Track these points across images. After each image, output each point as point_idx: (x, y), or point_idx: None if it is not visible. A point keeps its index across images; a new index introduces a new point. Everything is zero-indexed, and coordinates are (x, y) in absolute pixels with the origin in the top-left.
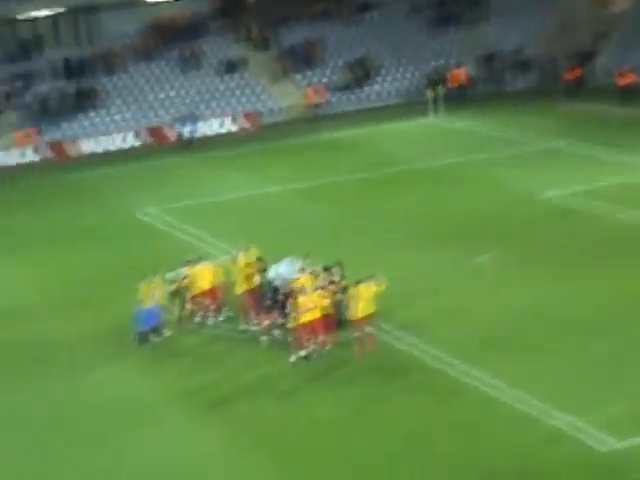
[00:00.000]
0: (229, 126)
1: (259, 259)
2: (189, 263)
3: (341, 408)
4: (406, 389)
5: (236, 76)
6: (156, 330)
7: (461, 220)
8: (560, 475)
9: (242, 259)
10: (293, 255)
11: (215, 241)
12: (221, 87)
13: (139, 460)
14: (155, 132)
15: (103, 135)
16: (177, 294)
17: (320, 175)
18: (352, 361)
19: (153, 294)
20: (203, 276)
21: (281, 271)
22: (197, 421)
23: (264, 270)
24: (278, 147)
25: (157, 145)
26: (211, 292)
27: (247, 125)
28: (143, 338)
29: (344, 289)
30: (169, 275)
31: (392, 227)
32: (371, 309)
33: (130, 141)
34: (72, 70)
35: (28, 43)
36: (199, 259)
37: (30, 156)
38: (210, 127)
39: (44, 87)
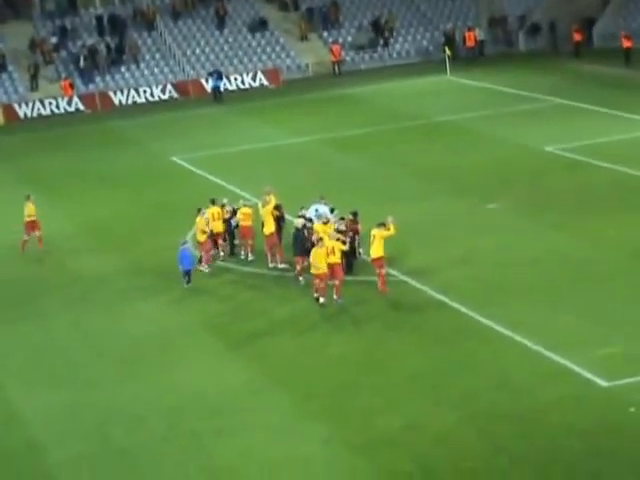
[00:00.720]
0: (257, 81)
1: (277, 207)
2: (225, 205)
3: (355, 345)
4: (415, 327)
5: (264, 34)
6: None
7: (474, 170)
8: (560, 407)
9: (273, 201)
10: (318, 199)
11: (244, 185)
12: (249, 44)
13: (168, 389)
14: (187, 86)
15: (142, 87)
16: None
17: (342, 127)
18: (370, 300)
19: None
20: (245, 217)
21: (321, 211)
22: (222, 356)
23: (282, 217)
24: (302, 101)
25: (190, 97)
26: (250, 231)
27: (273, 80)
28: (189, 277)
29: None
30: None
31: (409, 176)
32: (380, 252)
33: (166, 93)
34: (115, 26)
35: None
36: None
37: (74, 105)
38: (239, 82)
39: (88, 41)
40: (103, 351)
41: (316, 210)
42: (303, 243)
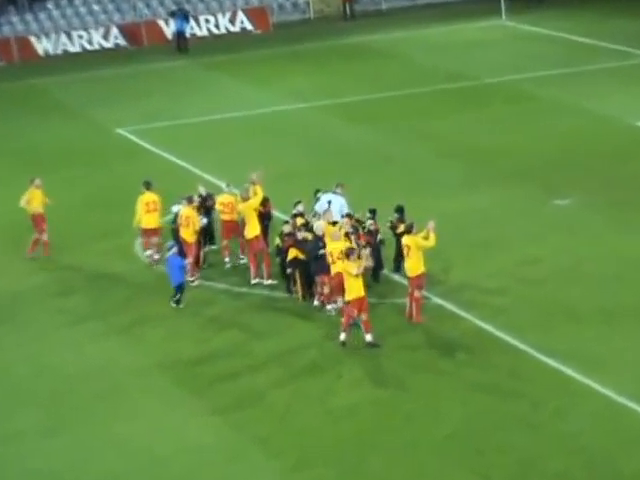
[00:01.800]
0: (236, 24)
1: (264, 201)
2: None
3: (371, 392)
4: (454, 369)
5: None
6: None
7: (535, 152)
8: None
9: (259, 194)
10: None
11: (216, 169)
12: None
13: (109, 447)
14: (140, 29)
15: (76, 30)
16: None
17: (353, 90)
18: (394, 330)
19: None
20: (226, 208)
21: (336, 206)
22: (183, 404)
23: (268, 215)
24: (297, 53)
25: (141, 46)
26: (236, 228)
27: (259, 24)
28: (180, 294)
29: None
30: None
31: (446, 159)
32: (420, 267)
33: (110, 39)
34: None
35: None
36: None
37: None
38: (212, 25)
39: None
40: (24, 395)
41: (329, 202)
42: (323, 257)
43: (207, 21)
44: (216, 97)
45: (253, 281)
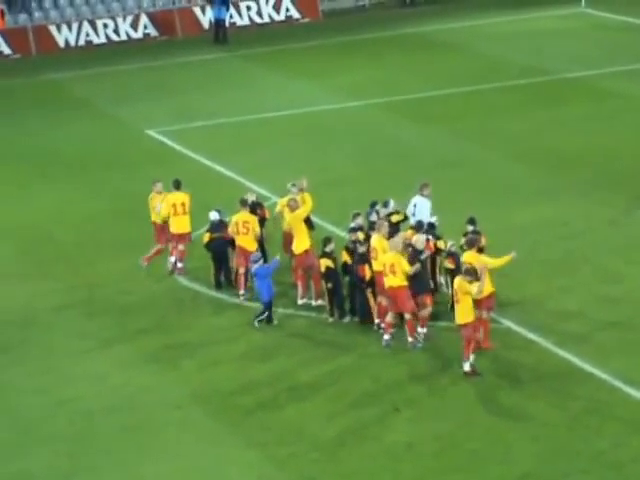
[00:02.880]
0: (282, 12)
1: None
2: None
3: (433, 428)
4: (530, 403)
5: None
6: None
7: (621, 156)
8: None
9: (308, 203)
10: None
11: (258, 175)
12: None
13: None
14: (173, 17)
15: (101, 19)
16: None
17: (412, 86)
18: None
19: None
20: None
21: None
22: (221, 441)
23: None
24: (349, 44)
25: (174, 37)
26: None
27: (307, 11)
28: (269, 312)
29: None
30: None
31: (520, 164)
32: (489, 286)
33: (139, 29)
34: None
35: None
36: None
37: None
38: (254, 13)
39: None
40: (35, 433)
41: (414, 205)
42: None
43: (249, 8)
44: (258, 94)
45: (300, 301)
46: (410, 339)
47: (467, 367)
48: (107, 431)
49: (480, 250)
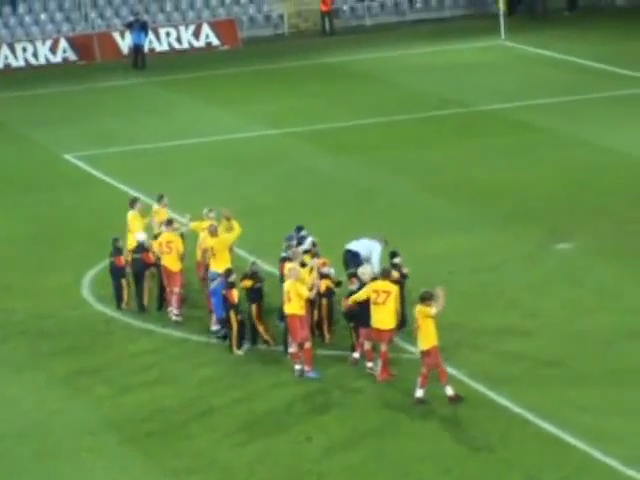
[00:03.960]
0: (201, 39)
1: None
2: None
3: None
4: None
5: None
6: None
7: (536, 189)
8: None
9: (237, 228)
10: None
11: (176, 202)
12: None
13: None
14: (92, 42)
15: (20, 42)
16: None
17: (330, 116)
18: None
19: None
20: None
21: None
22: (133, 468)
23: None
24: (268, 72)
25: (93, 61)
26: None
27: (226, 38)
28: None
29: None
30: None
31: (435, 195)
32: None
33: (58, 53)
34: None
35: None
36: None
37: None
38: (173, 39)
39: None
40: None
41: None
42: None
43: (168, 34)
44: (176, 120)
45: (214, 327)
46: (306, 368)
47: (450, 392)
48: (18, 456)
49: (404, 278)
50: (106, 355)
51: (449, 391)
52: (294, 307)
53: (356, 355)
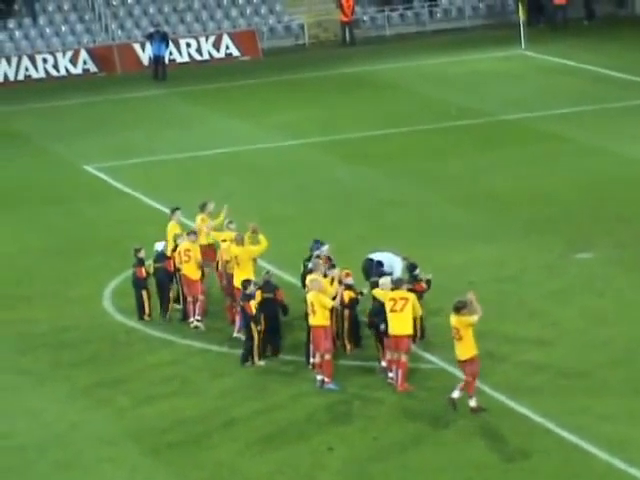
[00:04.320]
0: (221, 50)
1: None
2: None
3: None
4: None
5: None
6: None
7: (557, 199)
8: None
9: (264, 242)
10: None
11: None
12: None
13: None
14: (112, 53)
15: (40, 54)
16: None
17: (351, 126)
18: (395, 397)
19: None
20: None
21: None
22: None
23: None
24: (289, 83)
25: (113, 73)
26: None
27: (247, 49)
28: None
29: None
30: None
31: (456, 206)
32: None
33: (78, 64)
34: None
35: None
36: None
37: None
38: (194, 50)
39: None
40: None
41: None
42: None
43: (188, 45)
44: (197, 131)
45: (236, 334)
46: (325, 379)
47: (473, 403)
48: (40, 467)
49: (423, 291)
50: (127, 366)
51: (472, 403)
52: (319, 318)
53: (384, 364)
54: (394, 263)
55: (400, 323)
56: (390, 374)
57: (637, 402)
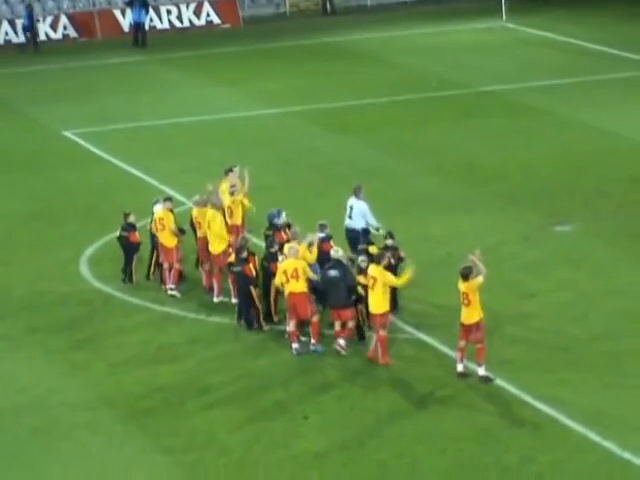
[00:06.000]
0: (202, 17)
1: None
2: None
3: (343, 436)
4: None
5: None
6: None
7: (535, 171)
8: None
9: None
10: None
11: (176, 180)
12: None
13: None
14: (92, 20)
15: (18, 19)
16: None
17: (331, 95)
18: (372, 368)
19: None
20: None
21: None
22: (129, 442)
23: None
24: (269, 51)
25: (94, 39)
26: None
27: (227, 17)
28: None
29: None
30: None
31: (435, 176)
32: (385, 305)
33: (58, 30)
34: None
35: None
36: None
37: None
38: (174, 17)
39: None
40: None
41: (350, 207)
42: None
43: (169, 12)
44: (176, 98)
45: (217, 299)
46: (313, 340)
47: (482, 371)
48: (15, 432)
49: (400, 260)
50: (103, 332)
51: (481, 371)
52: (301, 285)
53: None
54: (363, 212)
55: (371, 301)
56: (340, 341)
57: (613, 375)
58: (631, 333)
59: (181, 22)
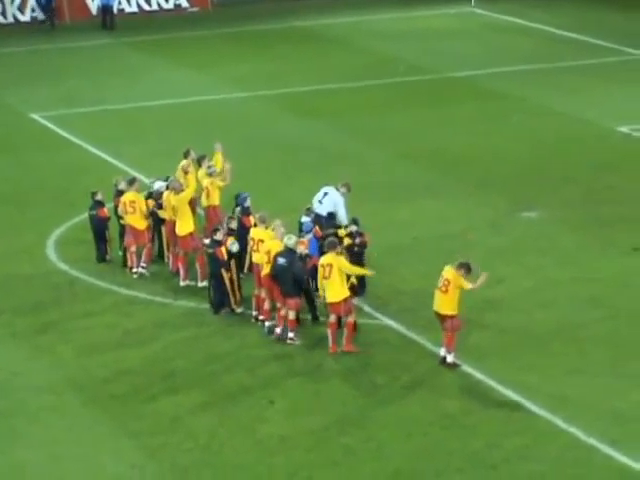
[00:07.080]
0: (166, 1)
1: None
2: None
3: (310, 421)
4: (408, 389)
5: None
6: None
7: (503, 157)
8: None
9: (193, 183)
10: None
11: (143, 163)
12: None
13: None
14: (61, 3)
15: None
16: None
17: (300, 79)
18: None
19: None
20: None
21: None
22: (93, 428)
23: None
24: (238, 35)
25: (62, 21)
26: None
27: (191, 1)
28: None
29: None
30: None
31: (402, 161)
32: (343, 292)
33: (26, 13)
34: None
35: None
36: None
37: None
38: (140, 1)
39: None
40: None
41: (325, 193)
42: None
43: None
44: (145, 82)
45: (183, 283)
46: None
47: (450, 358)
48: None
49: (362, 247)
50: (69, 315)
51: (449, 358)
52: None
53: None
54: (336, 202)
55: (329, 291)
56: (290, 334)
57: (579, 361)
58: (597, 319)
59: (149, 5)
